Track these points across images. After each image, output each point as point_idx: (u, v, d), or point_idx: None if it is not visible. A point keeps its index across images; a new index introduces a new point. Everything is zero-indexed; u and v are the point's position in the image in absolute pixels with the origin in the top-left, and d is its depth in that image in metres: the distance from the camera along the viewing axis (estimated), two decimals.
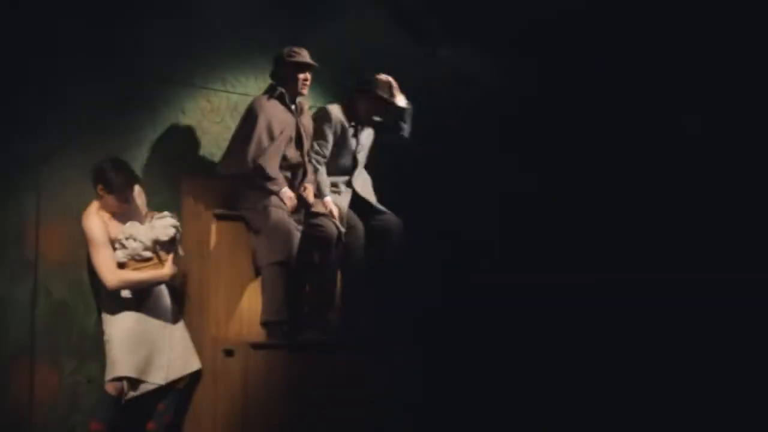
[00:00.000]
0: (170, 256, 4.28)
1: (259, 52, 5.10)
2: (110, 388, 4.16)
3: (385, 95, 4.77)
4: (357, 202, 4.88)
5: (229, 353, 4.27)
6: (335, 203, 4.69)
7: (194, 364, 4.37)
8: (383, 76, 4.80)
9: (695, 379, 5.32)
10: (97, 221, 4.22)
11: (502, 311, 5.90)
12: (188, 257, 4.66)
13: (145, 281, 4.23)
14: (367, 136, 4.97)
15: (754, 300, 5.21)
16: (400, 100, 4.84)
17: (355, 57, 5.16)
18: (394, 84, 4.83)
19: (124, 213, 4.31)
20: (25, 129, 4.37)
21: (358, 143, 4.89)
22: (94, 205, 4.28)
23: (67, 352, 4.42)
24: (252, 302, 4.50)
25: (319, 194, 4.72)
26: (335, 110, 4.80)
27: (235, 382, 4.21)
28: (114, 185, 4.21)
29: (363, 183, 4.95)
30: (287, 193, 4.52)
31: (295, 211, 4.54)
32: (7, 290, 4.29)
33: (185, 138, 4.86)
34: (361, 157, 4.93)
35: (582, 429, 5.35)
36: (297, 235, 4.45)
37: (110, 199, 4.25)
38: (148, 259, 4.24)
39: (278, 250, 4.38)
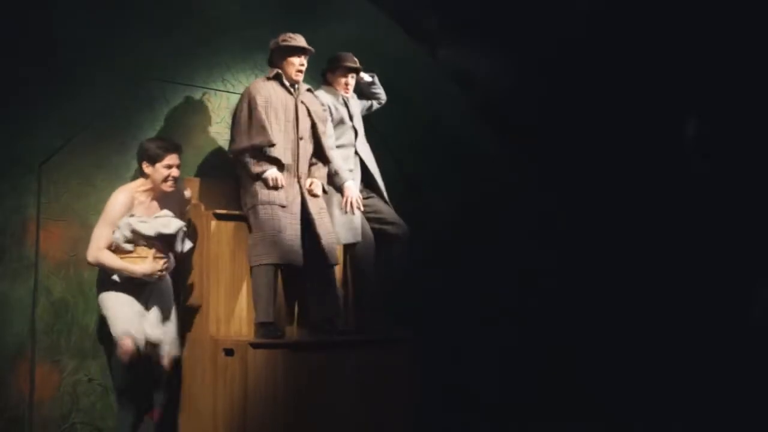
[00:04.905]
0: (151, 254, 4.28)
1: (259, 52, 5.11)
2: (120, 352, 4.17)
3: (353, 64, 4.99)
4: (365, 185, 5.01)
5: (229, 353, 4.28)
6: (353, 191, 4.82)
7: (177, 351, 4.41)
8: (342, 53, 5.03)
9: (695, 379, 5.32)
10: (121, 199, 4.29)
11: (503, 311, 5.91)
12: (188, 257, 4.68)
13: (117, 269, 4.23)
14: (355, 104, 5.12)
15: (753, 300, 5.22)
16: (365, 76, 5.12)
17: (355, 57, 5.16)
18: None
19: (165, 200, 4.36)
20: (25, 129, 4.37)
21: (351, 114, 5.02)
22: (135, 183, 4.37)
23: (67, 352, 4.43)
24: (252, 302, 4.50)
25: (338, 179, 4.82)
26: (323, 94, 4.95)
27: (235, 381, 4.21)
28: (151, 153, 4.32)
29: (366, 151, 5.08)
30: (272, 174, 4.48)
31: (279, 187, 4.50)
32: (8, 290, 4.29)
33: (185, 138, 4.87)
34: (358, 125, 5.06)
35: (581, 428, 5.35)
36: (289, 236, 4.41)
37: (155, 173, 4.32)
38: (129, 252, 4.26)
39: (263, 252, 4.38)
